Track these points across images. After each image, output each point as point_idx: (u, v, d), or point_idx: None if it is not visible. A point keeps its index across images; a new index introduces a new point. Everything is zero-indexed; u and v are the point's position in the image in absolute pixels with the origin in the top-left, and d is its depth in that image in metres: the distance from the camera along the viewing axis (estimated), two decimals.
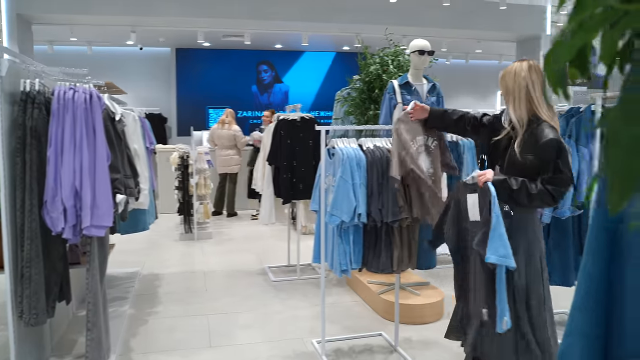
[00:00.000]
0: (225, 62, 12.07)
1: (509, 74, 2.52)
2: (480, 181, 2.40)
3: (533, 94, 2.46)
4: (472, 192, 2.49)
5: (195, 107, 12.01)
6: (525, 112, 2.45)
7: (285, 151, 4.75)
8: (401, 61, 4.42)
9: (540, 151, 2.35)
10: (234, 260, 5.60)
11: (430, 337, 3.58)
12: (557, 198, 2.34)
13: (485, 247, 2.29)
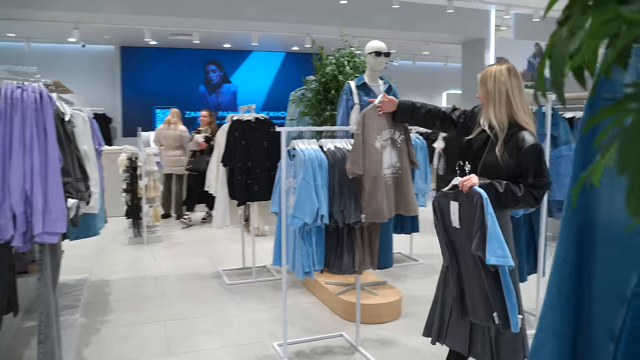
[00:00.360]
0: (173, 61, 11.80)
1: (489, 78, 2.56)
2: (465, 187, 2.42)
3: (512, 99, 2.52)
4: (453, 199, 2.51)
5: (142, 107, 11.68)
6: (506, 116, 2.51)
7: (240, 152, 4.68)
8: (357, 62, 4.44)
9: (522, 156, 2.43)
10: (186, 264, 5.47)
11: (390, 336, 3.62)
12: (539, 200, 2.44)
13: (484, 250, 2.32)
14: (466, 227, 2.48)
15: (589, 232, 1.51)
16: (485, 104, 2.58)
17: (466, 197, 2.45)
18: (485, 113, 2.58)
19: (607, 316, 1.48)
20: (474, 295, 2.50)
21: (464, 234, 2.50)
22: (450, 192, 2.56)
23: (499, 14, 9.77)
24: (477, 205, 2.39)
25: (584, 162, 1.50)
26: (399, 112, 2.93)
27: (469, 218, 2.45)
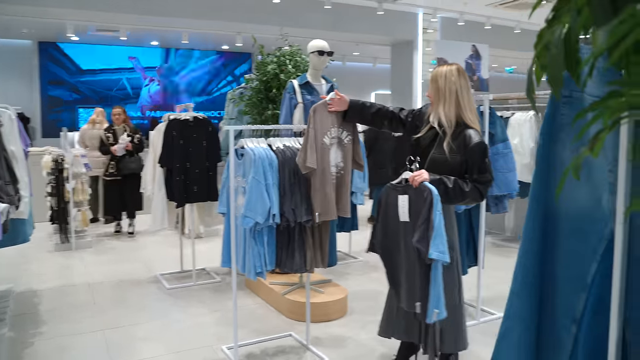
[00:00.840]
0: (98, 58, 11.24)
1: (440, 77, 2.65)
2: (415, 182, 2.47)
3: (461, 98, 2.63)
4: (402, 193, 2.56)
5: (64, 106, 11.04)
6: (454, 114, 2.62)
7: (178, 152, 4.54)
8: (298, 61, 4.43)
9: (469, 153, 2.54)
10: (120, 269, 5.23)
11: (339, 333, 3.64)
12: (483, 196, 2.55)
13: (426, 244, 2.38)
14: (414, 220, 2.54)
15: (551, 224, 1.59)
16: (435, 102, 2.66)
17: (415, 192, 2.52)
18: (435, 111, 2.66)
19: (569, 301, 1.56)
20: (406, 284, 2.60)
21: (410, 227, 2.56)
22: (399, 185, 2.62)
23: (427, 17, 10.12)
24: (426, 201, 2.46)
25: (547, 159, 1.58)
26: (350, 112, 2.95)
27: (418, 213, 2.51)
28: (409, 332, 2.84)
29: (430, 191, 2.45)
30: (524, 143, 5.55)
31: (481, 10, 9.69)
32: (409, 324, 2.83)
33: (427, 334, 2.74)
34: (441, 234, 2.42)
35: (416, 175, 2.51)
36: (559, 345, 1.59)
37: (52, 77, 11.01)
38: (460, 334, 2.78)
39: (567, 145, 1.54)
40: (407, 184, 2.56)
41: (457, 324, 2.78)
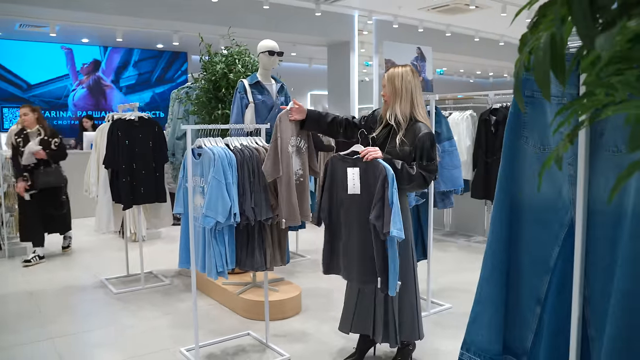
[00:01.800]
0: (24, 55, 10.62)
1: (397, 77, 2.81)
2: (369, 156, 2.59)
3: (415, 96, 2.81)
4: (352, 166, 2.66)
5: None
6: (408, 111, 2.79)
7: (124, 153, 4.42)
8: (247, 61, 4.44)
9: (417, 142, 2.70)
10: (62, 276, 5.02)
11: (296, 329, 3.69)
12: (427, 182, 2.71)
13: (382, 221, 2.50)
14: (364, 194, 2.64)
15: (516, 213, 1.73)
16: (392, 100, 2.81)
17: (367, 166, 2.62)
18: (392, 108, 2.82)
19: (533, 284, 1.71)
20: (357, 258, 2.70)
21: (358, 200, 2.66)
22: (347, 157, 2.72)
23: (362, 19, 10.35)
24: (378, 178, 2.57)
25: (512, 154, 1.72)
26: (307, 121, 3.03)
27: (368, 187, 2.62)
28: (367, 326, 2.95)
29: (384, 168, 2.57)
30: (460, 142, 5.84)
31: (414, 13, 10.04)
32: (366, 318, 2.94)
33: (388, 325, 2.86)
34: (398, 212, 2.54)
35: (370, 150, 2.63)
36: (524, 325, 1.74)
37: None
38: (418, 323, 2.93)
39: (529, 141, 1.69)
40: (357, 158, 2.67)
41: (414, 313, 2.92)
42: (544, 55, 1.05)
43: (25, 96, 10.63)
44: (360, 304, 2.96)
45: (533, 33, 1.14)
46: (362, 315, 2.97)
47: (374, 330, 2.94)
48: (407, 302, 2.90)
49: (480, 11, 9.52)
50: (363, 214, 2.65)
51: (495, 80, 19.09)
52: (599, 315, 1.54)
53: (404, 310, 2.90)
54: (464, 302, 4.15)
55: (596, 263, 1.53)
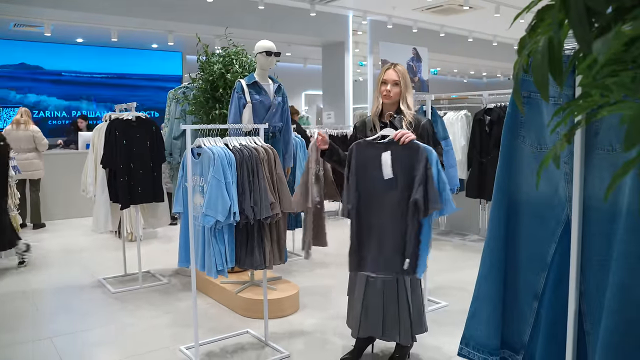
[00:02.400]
0: (19, 55, 10.59)
1: (406, 74, 2.95)
2: (405, 139, 2.59)
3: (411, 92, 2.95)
4: (384, 150, 2.63)
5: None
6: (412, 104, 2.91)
7: (122, 153, 4.44)
8: (244, 61, 4.47)
9: (422, 130, 2.82)
10: (59, 275, 5.03)
11: (294, 327, 3.72)
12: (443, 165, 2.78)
13: (427, 201, 2.51)
14: (400, 178, 2.59)
15: (514, 211, 1.77)
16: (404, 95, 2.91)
17: (402, 149, 2.59)
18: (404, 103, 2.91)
19: (531, 280, 1.75)
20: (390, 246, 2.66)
21: (393, 185, 2.61)
22: (378, 142, 2.66)
23: (356, 20, 10.41)
24: (421, 159, 2.55)
25: (510, 153, 1.76)
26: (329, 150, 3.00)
27: (406, 169, 2.57)
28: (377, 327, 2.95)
29: (424, 149, 2.56)
30: (455, 142, 5.89)
31: (408, 14, 10.10)
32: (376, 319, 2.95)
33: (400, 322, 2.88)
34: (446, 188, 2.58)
35: (405, 134, 2.63)
36: (522, 319, 1.78)
37: None
38: (423, 319, 2.99)
39: (526, 140, 1.73)
40: (390, 142, 2.64)
41: (421, 307, 2.98)
42: (543, 58, 1.09)
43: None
44: (369, 304, 2.96)
45: (531, 36, 1.19)
46: (372, 317, 2.96)
47: (383, 330, 2.95)
48: (417, 296, 2.94)
49: (474, 12, 9.59)
50: (398, 198, 2.60)
51: (489, 80, 19.21)
52: (595, 309, 1.59)
53: (416, 305, 2.94)
54: (460, 300, 4.20)
55: (592, 258, 1.58)
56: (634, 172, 1.32)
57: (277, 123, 4.17)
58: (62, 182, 7.85)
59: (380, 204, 2.69)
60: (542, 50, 1.10)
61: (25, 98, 10.75)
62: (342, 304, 4.09)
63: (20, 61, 10.64)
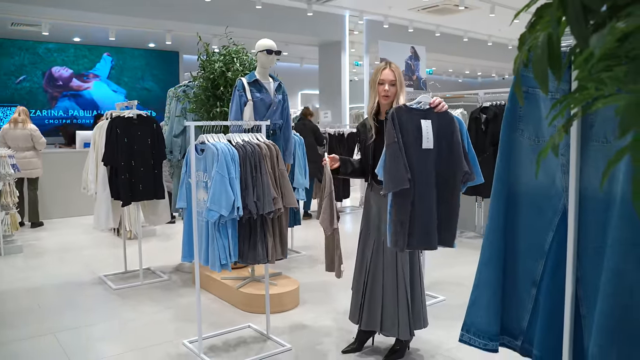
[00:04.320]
0: (15, 54, 10.60)
1: (401, 73, 3.00)
2: (442, 107, 2.56)
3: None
4: (424, 118, 2.53)
5: None
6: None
7: (123, 150, 4.48)
8: (245, 59, 4.52)
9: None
10: (59, 272, 5.07)
11: (295, 322, 3.78)
12: None
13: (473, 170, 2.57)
14: (439, 147, 2.52)
15: (513, 202, 1.84)
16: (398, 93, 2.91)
17: (438, 117, 2.51)
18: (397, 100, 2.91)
19: (529, 267, 1.82)
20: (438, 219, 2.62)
21: (433, 154, 2.52)
22: (416, 109, 2.55)
23: (353, 19, 10.47)
24: (456, 130, 2.54)
25: (508, 146, 1.83)
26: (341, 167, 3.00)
27: (446, 139, 2.52)
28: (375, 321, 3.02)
29: (455, 119, 2.54)
30: None
31: (404, 14, 10.18)
32: (375, 313, 3.02)
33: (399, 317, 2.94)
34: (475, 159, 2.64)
35: (442, 101, 2.60)
36: (521, 306, 1.85)
37: None
38: (424, 312, 3.05)
39: (525, 133, 1.80)
40: (429, 109, 2.56)
41: (423, 301, 3.04)
42: (542, 53, 1.16)
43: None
44: (370, 296, 3.03)
45: (531, 33, 1.25)
46: (372, 310, 3.03)
47: (382, 325, 3.02)
48: (418, 291, 3.01)
49: (469, 12, 9.68)
50: (445, 168, 2.53)
51: (484, 79, 19.32)
52: (591, 294, 1.66)
53: (416, 300, 3.00)
54: (457, 294, 4.27)
55: (588, 246, 1.65)
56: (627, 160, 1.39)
57: (277, 120, 4.23)
58: (60, 180, 7.89)
59: (425, 177, 2.54)
60: (542, 45, 1.17)
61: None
62: (342, 300, 4.17)
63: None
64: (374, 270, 3.02)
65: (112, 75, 11.63)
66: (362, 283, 3.08)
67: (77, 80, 11.33)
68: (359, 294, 3.08)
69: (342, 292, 4.37)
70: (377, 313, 3.01)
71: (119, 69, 11.61)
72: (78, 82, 11.34)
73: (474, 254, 5.80)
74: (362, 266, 3.10)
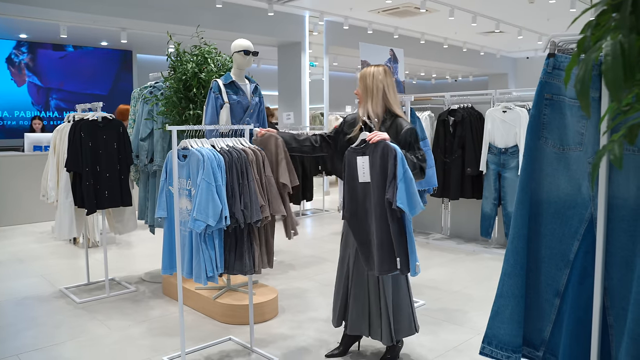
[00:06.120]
0: None
1: (368, 76, 2.92)
2: (375, 139, 2.65)
3: (388, 94, 2.94)
4: (361, 154, 2.72)
5: None
6: (381, 108, 2.92)
7: (87, 155, 4.22)
8: (219, 60, 4.35)
9: (402, 137, 2.83)
10: (15, 286, 4.73)
11: (277, 332, 3.66)
12: (424, 173, 2.82)
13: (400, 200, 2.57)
14: (377, 180, 2.68)
15: (536, 210, 1.80)
16: (364, 98, 2.95)
17: (376, 151, 2.67)
18: (364, 106, 2.95)
19: (552, 277, 1.79)
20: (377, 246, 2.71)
21: (371, 187, 2.71)
22: (358, 148, 2.77)
23: (313, 20, 10.39)
24: (390, 157, 2.63)
25: (533, 153, 1.78)
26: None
27: (378, 171, 2.67)
28: (363, 326, 2.98)
29: (394, 148, 2.64)
30: None
31: (364, 15, 10.19)
32: (362, 318, 2.97)
33: (382, 322, 2.90)
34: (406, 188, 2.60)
35: (374, 135, 2.69)
36: (543, 317, 1.82)
37: None
38: (412, 319, 2.99)
39: (549, 141, 1.76)
40: (367, 145, 2.72)
41: (410, 308, 2.98)
42: (615, 60, 1.10)
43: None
44: (355, 300, 2.98)
45: (593, 39, 1.20)
46: (358, 315, 2.99)
47: (369, 329, 2.98)
48: (403, 297, 2.95)
49: (429, 14, 9.79)
50: (378, 199, 2.68)
51: (437, 81, 19.68)
52: (618, 304, 1.64)
53: (400, 306, 2.94)
54: (436, 299, 4.26)
55: (616, 254, 1.62)
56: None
57: (254, 124, 4.08)
58: (8, 186, 7.42)
59: (363, 208, 2.79)
60: (613, 53, 1.11)
61: None
62: (320, 306, 4.09)
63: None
64: (357, 274, 2.98)
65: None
66: (345, 286, 3.04)
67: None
68: (340, 297, 3.04)
69: (319, 298, 4.28)
70: (364, 317, 2.97)
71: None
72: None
73: (443, 256, 5.89)
74: (343, 269, 3.08)
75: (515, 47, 14.67)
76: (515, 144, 5.39)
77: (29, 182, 7.51)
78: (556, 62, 1.71)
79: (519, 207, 1.79)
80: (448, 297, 4.29)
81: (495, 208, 5.67)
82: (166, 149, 4.59)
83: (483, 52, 14.52)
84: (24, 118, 11.10)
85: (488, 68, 15.90)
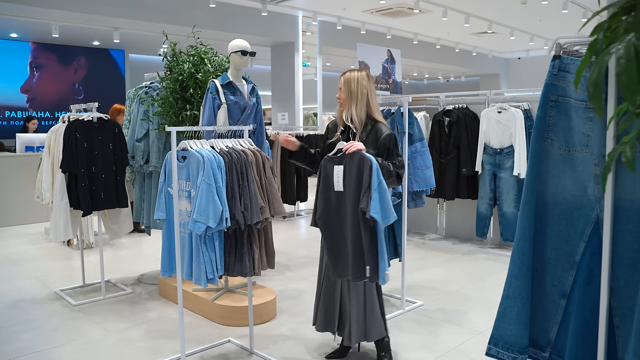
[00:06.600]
0: None
1: (353, 81, 2.94)
2: (351, 149, 2.69)
3: (370, 100, 2.96)
4: (338, 164, 2.76)
5: None
6: (364, 113, 2.94)
7: (83, 156, 4.18)
8: (215, 61, 4.33)
9: (381, 143, 2.85)
10: (9, 288, 4.68)
11: (277, 333, 3.65)
12: (401, 179, 2.88)
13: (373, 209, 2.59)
14: (350, 189, 2.73)
15: (542, 212, 1.81)
16: (348, 102, 2.95)
17: (352, 160, 2.70)
18: (348, 110, 2.95)
19: (558, 278, 1.79)
20: (350, 254, 2.74)
21: (346, 196, 2.75)
22: (335, 157, 2.81)
23: (306, 20, 10.39)
24: (365, 168, 2.67)
25: (538, 155, 1.79)
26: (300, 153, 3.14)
27: (353, 180, 2.70)
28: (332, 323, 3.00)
29: (369, 159, 2.67)
30: None
31: (358, 16, 10.20)
32: (332, 315, 2.99)
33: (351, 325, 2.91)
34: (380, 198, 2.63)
35: (351, 145, 2.72)
36: (549, 317, 1.82)
37: None
38: (382, 324, 2.99)
39: (554, 143, 1.77)
40: (343, 155, 2.76)
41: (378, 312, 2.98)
42: (629, 63, 1.10)
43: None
44: (327, 299, 3.03)
45: (605, 41, 1.20)
46: (328, 312, 3.04)
47: (338, 328, 3.01)
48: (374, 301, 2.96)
49: (423, 15, 9.81)
50: (352, 208, 2.72)
51: (430, 82, 19.74)
52: (624, 305, 1.64)
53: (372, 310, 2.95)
54: (434, 299, 4.27)
55: (622, 255, 1.63)
56: None
57: (252, 124, 4.06)
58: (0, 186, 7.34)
59: (337, 216, 2.82)
60: (627, 55, 1.11)
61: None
62: None
63: None
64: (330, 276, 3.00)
65: None
66: (320, 284, 3.09)
67: None
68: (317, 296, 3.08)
69: None
70: (333, 317, 3.00)
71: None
72: None
73: (440, 256, 5.90)
74: (322, 269, 3.10)
75: (507, 48, 14.76)
76: (511, 144, 5.41)
77: (21, 183, 7.44)
78: (562, 64, 1.72)
79: (524, 208, 1.79)
80: (446, 298, 4.30)
81: (491, 208, 5.69)
82: (162, 150, 4.56)
83: (475, 53, 14.58)
84: (15, 118, 11.01)
85: (480, 68, 15.98)
